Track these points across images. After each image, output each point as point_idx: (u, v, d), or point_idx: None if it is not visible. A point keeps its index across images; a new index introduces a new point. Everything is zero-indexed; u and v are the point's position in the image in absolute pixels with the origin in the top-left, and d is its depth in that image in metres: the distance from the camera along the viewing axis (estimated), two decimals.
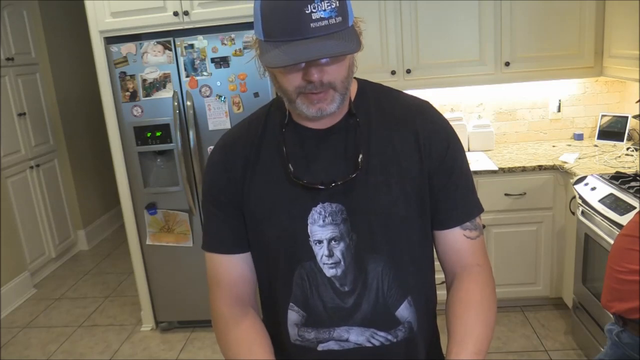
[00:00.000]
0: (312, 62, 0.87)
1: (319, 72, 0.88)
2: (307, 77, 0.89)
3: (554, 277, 2.88)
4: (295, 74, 0.89)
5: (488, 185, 2.76)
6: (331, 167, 0.99)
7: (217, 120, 2.78)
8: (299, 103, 0.92)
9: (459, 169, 1.04)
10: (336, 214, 0.98)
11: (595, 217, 2.28)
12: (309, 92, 0.90)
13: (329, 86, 0.91)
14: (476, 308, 0.99)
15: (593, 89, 3.18)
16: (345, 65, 0.92)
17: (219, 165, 1.06)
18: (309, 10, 0.83)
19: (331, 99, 0.92)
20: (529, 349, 2.66)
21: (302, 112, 0.94)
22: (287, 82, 0.91)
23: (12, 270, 3.64)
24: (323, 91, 0.91)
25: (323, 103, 0.92)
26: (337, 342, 1.01)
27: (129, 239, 3.05)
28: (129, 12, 2.74)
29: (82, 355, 2.98)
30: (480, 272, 1.03)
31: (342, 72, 0.91)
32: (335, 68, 0.90)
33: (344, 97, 0.95)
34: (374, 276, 0.99)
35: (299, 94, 0.91)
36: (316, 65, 0.88)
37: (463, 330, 0.96)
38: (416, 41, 2.90)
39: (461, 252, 1.04)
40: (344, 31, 0.87)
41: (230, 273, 1.07)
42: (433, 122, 1.04)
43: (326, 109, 0.93)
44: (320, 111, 0.92)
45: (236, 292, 1.06)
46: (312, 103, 0.92)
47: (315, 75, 0.88)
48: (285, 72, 0.90)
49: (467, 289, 1.01)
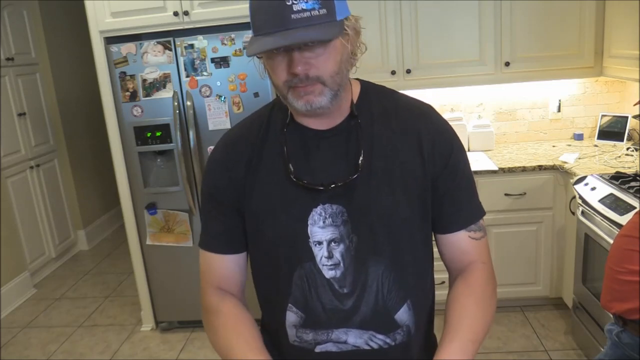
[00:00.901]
0: (295, 54, 0.88)
1: (303, 65, 0.89)
2: (291, 70, 0.89)
3: (554, 277, 2.88)
4: (282, 67, 0.90)
5: (488, 185, 2.76)
6: (332, 168, 0.99)
7: (217, 120, 2.78)
8: (290, 97, 0.93)
9: (462, 173, 1.04)
10: (336, 216, 0.98)
11: (595, 217, 2.28)
12: (295, 85, 0.91)
13: (316, 80, 0.90)
14: (476, 298, 1.00)
15: (593, 89, 3.18)
16: (332, 58, 0.91)
17: (221, 164, 1.06)
18: (290, 1, 0.84)
19: (319, 92, 0.91)
20: (529, 349, 2.66)
21: (294, 107, 0.94)
22: (276, 76, 0.92)
23: (12, 270, 3.64)
24: (310, 84, 0.90)
25: (310, 95, 0.91)
26: (335, 344, 1.01)
27: (129, 239, 3.05)
28: (129, 12, 2.74)
29: (82, 355, 2.98)
30: (484, 269, 1.04)
31: (329, 65, 0.90)
32: (321, 61, 0.90)
33: (337, 94, 0.94)
34: (374, 278, 0.99)
35: (288, 88, 0.92)
36: (300, 58, 0.88)
37: (459, 316, 0.97)
38: (416, 41, 2.90)
39: (467, 252, 1.05)
40: (329, 23, 0.86)
41: (220, 270, 1.08)
42: (436, 126, 1.04)
43: (314, 101, 0.92)
44: (309, 104, 0.92)
45: (224, 286, 1.07)
46: (300, 96, 0.92)
47: (298, 68, 0.88)
48: (273, 66, 0.91)
49: (470, 282, 1.02)
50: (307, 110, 0.93)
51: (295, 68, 0.88)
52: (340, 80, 0.94)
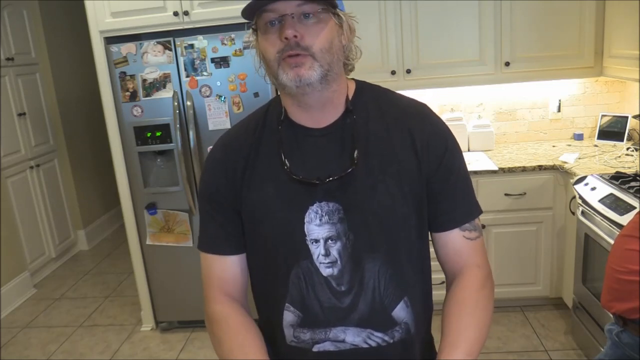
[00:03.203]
0: (289, 20, 0.90)
1: (294, 29, 0.90)
2: (282, 35, 0.90)
3: (554, 277, 2.88)
4: (274, 37, 0.92)
5: (488, 185, 2.76)
6: (328, 164, 0.99)
7: (217, 120, 2.78)
8: (281, 73, 0.93)
9: (457, 171, 1.04)
10: (333, 213, 0.98)
11: (595, 217, 2.28)
12: (286, 55, 0.91)
13: (306, 51, 0.91)
14: (471, 309, 0.99)
15: (593, 89, 3.18)
16: (324, 34, 0.93)
17: (219, 165, 1.06)
18: None
19: (310, 65, 0.92)
20: (529, 349, 2.66)
21: (283, 83, 0.94)
22: (268, 46, 0.93)
23: (12, 270, 3.64)
24: (300, 54, 0.91)
25: (301, 68, 0.92)
26: (333, 343, 1.01)
27: (129, 239, 3.05)
28: (129, 12, 2.74)
29: (82, 355, 2.98)
30: (478, 273, 1.03)
31: (321, 39, 0.92)
32: (313, 32, 0.92)
33: (327, 76, 0.94)
34: (370, 276, 0.99)
35: (279, 61, 0.92)
36: (292, 24, 0.90)
37: (456, 331, 0.97)
38: (416, 41, 2.90)
39: (461, 252, 1.04)
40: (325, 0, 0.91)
41: (222, 273, 1.07)
42: (431, 125, 1.04)
43: (304, 74, 0.92)
44: (299, 77, 0.92)
45: (227, 290, 1.07)
46: (290, 67, 0.92)
47: (289, 31, 0.89)
48: (267, 41, 0.93)
49: (463, 289, 1.02)
50: (297, 87, 0.93)
51: (286, 32, 0.90)
52: (330, 60, 0.94)
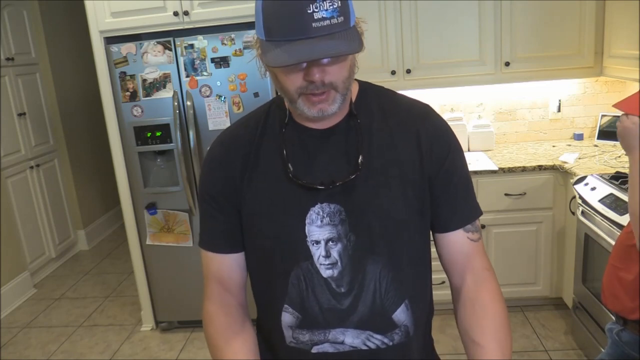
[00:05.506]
0: (314, 62, 0.87)
1: (321, 72, 0.88)
2: (308, 77, 0.89)
3: (554, 277, 2.88)
4: (297, 74, 0.89)
5: (488, 185, 2.76)
6: (331, 167, 0.99)
7: (217, 120, 2.78)
8: (300, 103, 0.93)
9: (460, 172, 1.05)
10: (334, 215, 0.98)
11: (595, 217, 2.28)
12: (310, 92, 0.91)
13: (330, 87, 0.91)
14: (496, 334, 1.00)
15: (593, 88, 3.18)
16: (346, 65, 0.92)
17: (218, 163, 1.05)
18: (311, 9, 0.83)
19: (332, 99, 0.92)
20: (529, 349, 2.66)
21: (303, 113, 0.94)
22: (288, 82, 0.91)
23: (12, 270, 3.64)
24: (324, 92, 0.91)
25: (324, 104, 0.92)
26: (332, 345, 1.00)
27: (129, 239, 3.05)
28: (129, 12, 2.74)
29: (82, 355, 2.98)
30: (490, 279, 1.05)
31: (343, 72, 0.92)
32: (336, 68, 0.90)
33: (345, 98, 0.95)
34: (371, 278, 0.99)
35: (300, 94, 0.92)
36: (318, 65, 0.88)
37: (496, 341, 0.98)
38: (416, 41, 2.90)
39: (468, 255, 1.05)
40: (346, 31, 0.87)
41: (220, 270, 1.08)
42: (435, 126, 1.04)
43: (327, 109, 0.93)
44: (322, 112, 0.93)
45: (224, 287, 1.07)
46: (313, 104, 0.92)
47: (316, 76, 0.88)
48: (286, 72, 0.90)
49: (484, 306, 1.02)
50: (319, 118, 0.95)
51: (313, 76, 0.88)
52: (349, 84, 0.95)
